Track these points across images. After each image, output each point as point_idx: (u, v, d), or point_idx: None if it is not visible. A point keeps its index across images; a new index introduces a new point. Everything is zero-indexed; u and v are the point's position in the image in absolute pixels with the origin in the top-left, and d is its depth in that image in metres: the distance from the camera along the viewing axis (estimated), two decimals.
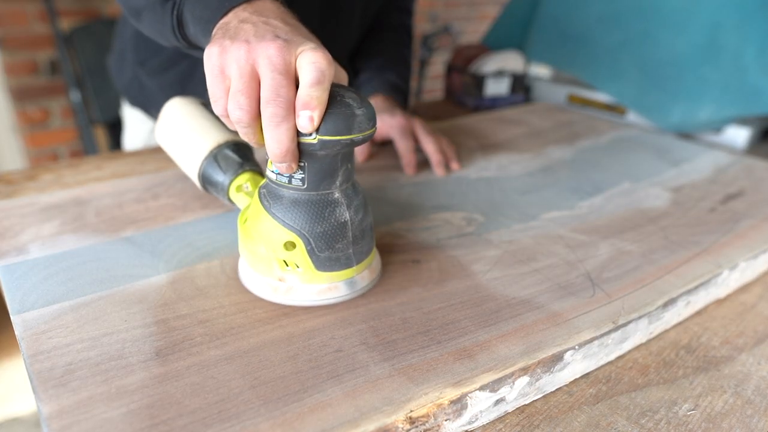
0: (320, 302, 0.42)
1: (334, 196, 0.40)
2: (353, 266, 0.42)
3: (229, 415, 0.31)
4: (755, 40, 0.85)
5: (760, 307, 0.50)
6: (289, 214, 0.40)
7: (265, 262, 0.42)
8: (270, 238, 0.41)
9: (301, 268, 0.41)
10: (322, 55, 0.36)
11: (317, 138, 0.37)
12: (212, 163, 0.50)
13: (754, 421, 0.37)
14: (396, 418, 0.32)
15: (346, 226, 0.41)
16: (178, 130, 0.53)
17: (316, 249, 0.40)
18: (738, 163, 0.76)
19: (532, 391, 0.38)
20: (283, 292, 0.42)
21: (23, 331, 0.37)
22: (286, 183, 0.40)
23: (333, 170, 0.40)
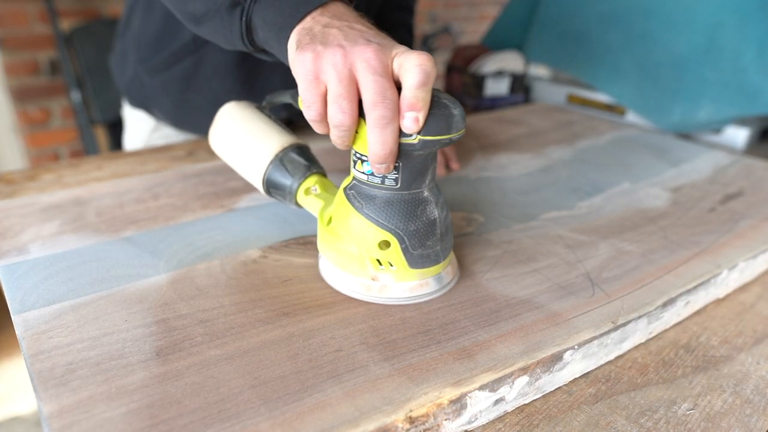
0: (412, 300, 0.43)
1: (424, 195, 0.42)
2: (441, 262, 0.43)
3: (229, 415, 0.31)
4: (755, 41, 0.85)
5: (759, 306, 0.50)
6: (383, 214, 0.41)
7: (358, 261, 0.43)
8: (364, 238, 0.42)
9: (394, 267, 0.42)
10: (426, 58, 0.36)
11: (418, 138, 0.37)
12: (279, 167, 0.49)
13: (753, 421, 0.37)
14: (396, 418, 0.32)
15: (436, 223, 0.42)
16: (236, 134, 0.52)
17: (410, 247, 0.41)
18: (737, 163, 0.76)
19: (531, 391, 0.38)
20: (377, 291, 0.43)
21: (24, 331, 0.38)
22: (379, 183, 0.41)
23: (424, 169, 0.41)
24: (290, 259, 0.48)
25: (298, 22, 0.42)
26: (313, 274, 0.46)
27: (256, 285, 0.44)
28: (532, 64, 1.17)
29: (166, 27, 0.74)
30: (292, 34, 0.42)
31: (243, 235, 0.51)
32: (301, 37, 0.40)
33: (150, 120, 0.86)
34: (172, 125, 0.83)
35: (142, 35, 0.77)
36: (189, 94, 0.76)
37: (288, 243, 0.50)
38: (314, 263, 0.47)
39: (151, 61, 0.76)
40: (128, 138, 0.90)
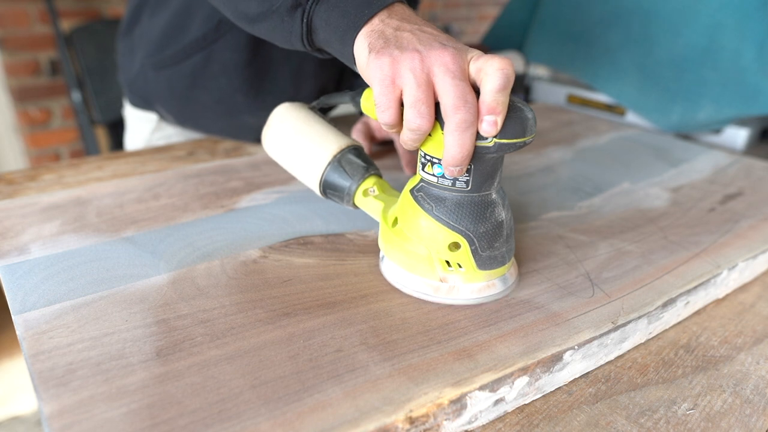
0: (479, 300, 0.43)
1: (492, 197, 0.42)
2: (506, 263, 0.44)
3: (229, 415, 0.32)
4: (754, 41, 0.85)
5: (758, 306, 0.50)
6: (453, 216, 0.41)
7: (426, 263, 0.43)
8: (434, 239, 0.42)
9: (463, 268, 0.42)
10: (507, 62, 0.37)
11: (494, 141, 0.38)
12: (337, 168, 0.49)
13: (753, 421, 0.37)
14: (396, 418, 0.32)
15: (503, 225, 0.43)
16: (292, 136, 0.52)
17: (480, 248, 0.42)
18: (737, 164, 0.76)
19: (531, 391, 0.38)
20: (445, 292, 0.43)
21: (24, 331, 0.38)
22: (450, 186, 0.41)
23: (495, 172, 0.41)
24: (290, 260, 0.48)
25: (364, 24, 0.42)
26: (313, 275, 0.46)
27: (257, 285, 0.44)
28: (532, 64, 1.17)
29: (177, 23, 0.74)
30: (359, 37, 0.42)
31: (243, 235, 0.51)
32: (373, 41, 0.40)
33: (151, 120, 0.86)
34: (175, 123, 0.83)
35: (150, 30, 0.77)
36: (195, 91, 0.76)
37: (288, 243, 0.50)
38: (314, 263, 0.47)
39: (159, 56, 0.76)
40: (129, 138, 0.90)
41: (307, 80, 0.78)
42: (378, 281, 0.45)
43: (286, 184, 0.63)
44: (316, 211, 0.56)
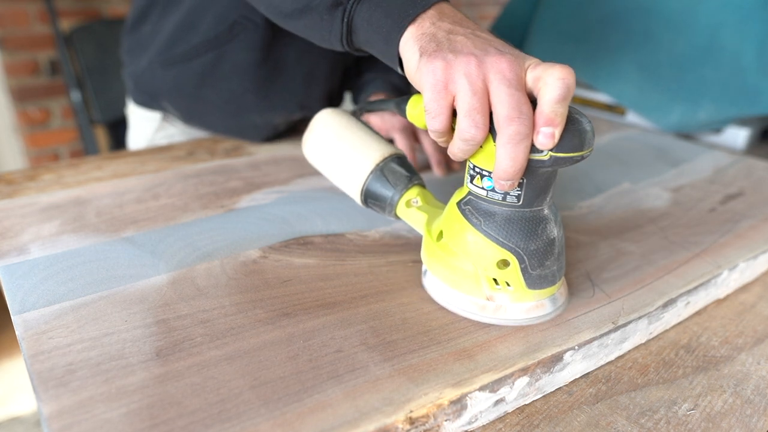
0: (528, 321, 0.41)
1: (544, 213, 0.40)
2: (556, 283, 0.41)
3: (229, 416, 0.31)
4: (755, 41, 0.85)
5: (759, 306, 0.50)
6: (503, 232, 0.39)
7: (472, 280, 0.41)
8: (481, 256, 0.40)
9: (512, 287, 0.40)
10: (569, 72, 0.35)
11: (549, 155, 0.36)
12: (380, 177, 0.48)
13: (754, 421, 0.37)
14: (396, 419, 0.32)
15: (554, 243, 0.40)
16: (334, 142, 0.51)
17: (530, 267, 0.39)
18: (738, 164, 0.76)
19: (531, 392, 0.38)
20: (492, 311, 0.41)
21: (24, 332, 0.37)
22: (500, 200, 0.39)
23: (547, 186, 0.39)
24: (290, 260, 0.48)
25: (409, 24, 0.40)
26: (313, 275, 0.46)
27: (256, 285, 0.44)
28: None
29: (189, 21, 0.73)
30: (407, 38, 0.40)
31: (243, 235, 0.51)
32: (424, 44, 0.39)
33: (155, 119, 0.86)
34: (181, 120, 0.83)
35: (161, 28, 0.77)
36: (204, 90, 0.76)
37: (288, 243, 0.50)
38: (313, 263, 0.47)
39: (168, 54, 0.75)
40: (132, 137, 0.90)
41: (317, 83, 0.77)
42: (378, 281, 0.45)
43: (286, 184, 0.63)
44: (316, 211, 0.56)
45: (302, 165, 0.68)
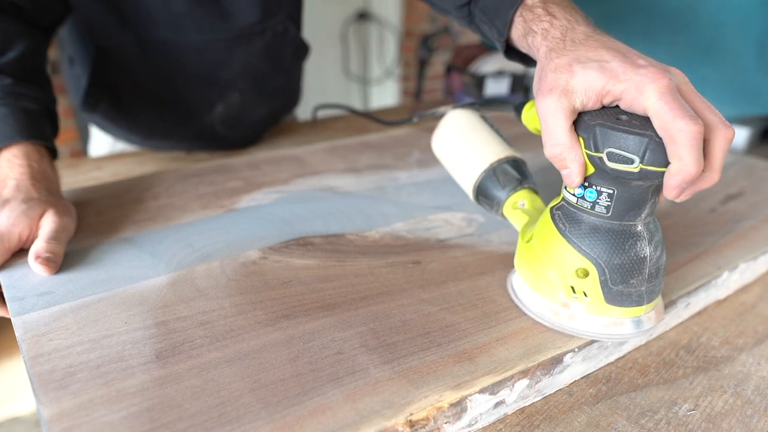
0: (601, 337, 0.40)
1: (637, 229, 0.38)
2: (643, 305, 0.39)
3: (229, 419, 0.31)
4: (755, 41, 0.84)
5: (759, 307, 0.50)
6: (587, 241, 0.39)
7: (551, 285, 0.40)
8: (562, 262, 0.40)
9: (589, 298, 0.39)
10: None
11: (639, 167, 0.35)
12: (491, 176, 0.49)
13: (754, 421, 0.37)
14: (396, 422, 0.32)
15: (645, 262, 0.38)
16: (458, 140, 0.53)
17: (610, 281, 0.38)
18: (738, 163, 0.76)
19: (531, 394, 0.38)
20: (565, 318, 0.40)
21: (23, 333, 0.37)
22: (588, 208, 0.38)
23: (642, 201, 0.37)
24: (290, 261, 0.48)
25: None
26: (313, 276, 0.46)
27: (256, 286, 0.44)
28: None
29: (76, 73, 0.77)
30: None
31: (243, 235, 0.51)
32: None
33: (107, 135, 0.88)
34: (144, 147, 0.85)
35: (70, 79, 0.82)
36: (131, 119, 0.79)
37: (288, 244, 0.50)
38: (313, 264, 0.47)
39: (81, 107, 0.78)
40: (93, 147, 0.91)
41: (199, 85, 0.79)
42: (378, 283, 0.45)
43: (286, 184, 0.62)
44: (316, 212, 0.56)
45: (302, 165, 0.68)
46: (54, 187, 0.52)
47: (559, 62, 0.38)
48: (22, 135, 0.51)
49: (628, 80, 0.35)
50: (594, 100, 0.37)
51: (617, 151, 0.35)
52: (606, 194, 0.37)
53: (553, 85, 0.37)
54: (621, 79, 0.35)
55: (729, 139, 0.34)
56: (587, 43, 0.39)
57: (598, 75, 0.36)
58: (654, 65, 0.35)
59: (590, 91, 0.36)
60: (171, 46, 0.71)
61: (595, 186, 0.38)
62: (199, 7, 0.70)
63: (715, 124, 0.34)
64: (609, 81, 0.36)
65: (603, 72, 0.36)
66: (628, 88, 0.35)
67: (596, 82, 0.36)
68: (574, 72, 0.37)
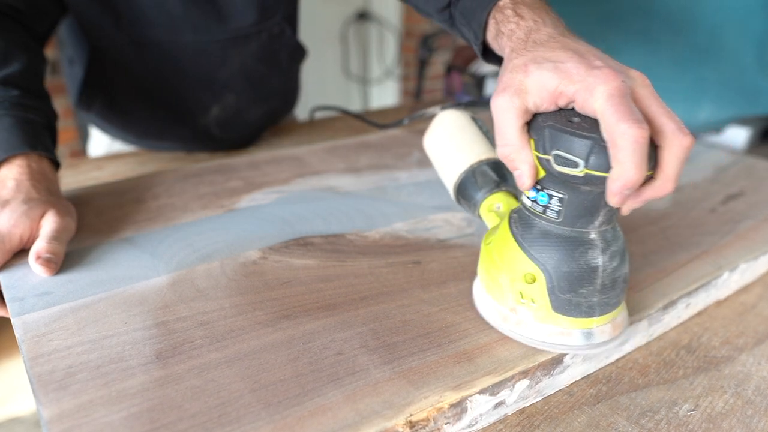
0: (547, 346, 0.38)
1: (590, 237, 0.37)
2: (594, 317, 0.38)
3: (229, 419, 0.31)
4: (755, 41, 0.84)
5: (760, 307, 0.50)
6: (536, 246, 0.37)
7: (502, 289, 0.40)
8: (513, 266, 0.39)
9: (536, 305, 0.38)
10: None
11: (584, 171, 0.33)
12: (470, 177, 0.49)
13: (755, 422, 0.37)
14: (396, 422, 0.32)
15: (596, 272, 0.37)
16: (444, 141, 0.54)
17: (558, 288, 0.37)
18: (738, 163, 0.76)
19: (531, 394, 0.38)
20: (513, 324, 0.39)
21: (23, 334, 0.37)
22: (541, 213, 0.37)
23: (595, 208, 0.36)
24: (290, 261, 0.48)
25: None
26: (313, 276, 0.46)
27: (256, 287, 0.44)
28: None
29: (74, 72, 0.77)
30: None
31: (243, 235, 0.51)
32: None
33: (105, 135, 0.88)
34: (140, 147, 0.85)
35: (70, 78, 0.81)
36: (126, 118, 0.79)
37: (288, 244, 0.50)
38: (313, 264, 0.47)
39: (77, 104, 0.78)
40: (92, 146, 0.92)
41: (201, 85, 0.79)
42: (378, 283, 0.45)
43: (286, 184, 0.62)
44: (316, 212, 0.56)
45: (302, 165, 0.68)
46: (54, 187, 0.52)
47: (516, 62, 0.38)
48: (29, 146, 0.51)
49: (581, 81, 0.34)
50: (548, 100, 0.36)
51: (563, 154, 0.34)
52: (557, 199, 0.36)
53: (508, 85, 0.37)
54: (574, 80, 0.34)
55: (685, 147, 0.33)
56: (548, 44, 0.38)
57: (551, 75, 0.35)
58: (609, 67, 0.34)
59: (543, 91, 0.35)
60: (166, 47, 0.71)
61: (547, 190, 0.37)
62: (195, 8, 0.70)
63: (672, 130, 0.33)
64: (562, 81, 0.35)
65: (557, 72, 0.35)
66: (579, 90, 0.34)
67: (549, 82, 0.35)
68: (528, 72, 0.36)
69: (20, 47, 0.57)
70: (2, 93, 0.53)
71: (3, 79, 0.54)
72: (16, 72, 0.55)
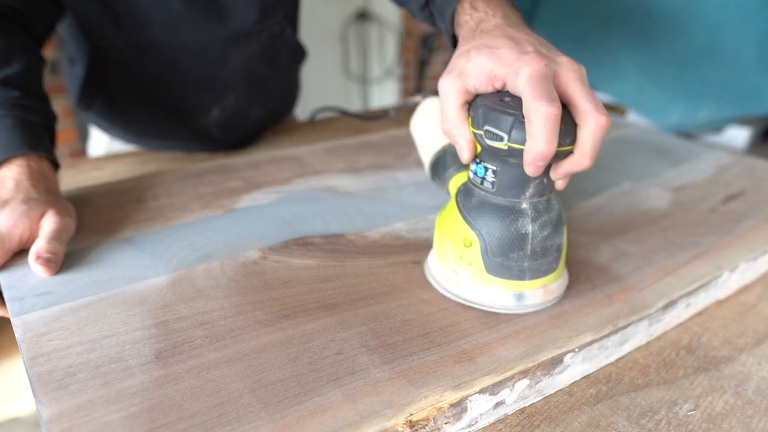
0: (484, 306, 0.42)
1: (521, 206, 0.41)
2: (525, 280, 0.42)
3: (229, 419, 0.31)
4: (755, 41, 0.84)
5: (760, 307, 0.50)
6: (474, 213, 0.42)
7: (446, 252, 0.44)
8: (454, 231, 0.43)
9: (472, 266, 0.42)
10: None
11: (507, 144, 0.37)
12: (442, 156, 0.53)
13: (755, 422, 0.37)
14: (396, 422, 0.32)
15: (526, 239, 0.41)
16: (424, 123, 0.59)
17: (490, 252, 0.41)
18: (738, 163, 0.76)
19: (531, 394, 0.38)
20: (454, 284, 0.43)
21: (23, 334, 0.37)
22: (479, 184, 0.42)
23: (524, 180, 0.40)
24: (290, 261, 0.48)
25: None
26: (313, 276, 0.46)
27: (256, 287, 0.44)
28: None
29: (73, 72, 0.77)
30: None
31: (243, 235, 0.51)
32: None
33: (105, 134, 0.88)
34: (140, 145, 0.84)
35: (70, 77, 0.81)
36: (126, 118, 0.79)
37: (288, 244, 0.50)
38: (313, 264, 0.47)
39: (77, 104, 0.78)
40: (92, 146, 0.92)
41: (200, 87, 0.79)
42: (378, 283, 0.45)
43: (286, 184, 0.62)
44: (315, 212, 0.56)
45: (302, 165, 0.68)
46: (53, 187, 0.52)
47: (462, 49, 0.42)
48: (29, 147, 0.51)
49: (510, 65, 0.38)
50: (485, 83, 0.39)
51: (492, 129, 0.38)
52: (491, 171, 0.41)
53: (452, 68, 0.41)
54: (505, 64, 0.38)
55: (600, 125, 0.36)
56: (492, 33, 0.42)
57: (487, 59, 0.39)
58: (537, 52, 0.38)
59: (481, 74, 0.39)
60: (167, 47, 0.71)
61: (483, 163, 0.41)
62: (196, 7, 0.70)
63: (588, 110, 0.36)
64: (495, 65, 0.38)
65: (492, 57, 0.39)
66: (509, 72, 0.38)
67: (485, 66, 0.39)
68: (469, 57, 0.40)
69: (20, 48, 0.57)
70: (3, 94, 0.53)
71: (3, 79, 0.54)
72: (16, 73, 0.55)
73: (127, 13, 0.68)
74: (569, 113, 0.38)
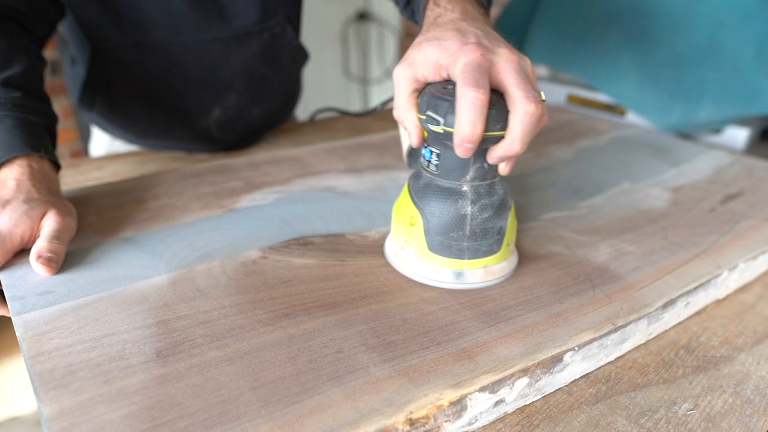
0: (426, 281, 0.45)
1: (462, 189, 0.43)
2: (464, 259, 0.44)
3: (229, 417, 0.32)
4: (755, 41, 0.85)
5: (759, 306, 0.50)
6: (420, 194, 0.45)
7: (397, 230, 0.47)
8: (403, 210, 0.46)
9: (417, 244, 0.45)
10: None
11: (443, 128, 0.40)
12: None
13: (754, 421, 0.37)
14: (396, 420, 0.32)
15: (465, 220, 0.43)
16: None
17: (432, 230, 0.44)
18: (738, 164, 0.76)
19: (531, 392, 0.38)
20: (401, 260, 0.47)
21: (24, 332, 0.38)
22: (426, 167, 0.45)
23: (464, 164, 0.42)
24: (290, 260, 0.48)
25: None
26: (313, 275, 0.46)
27: (256, 286, 0.44)
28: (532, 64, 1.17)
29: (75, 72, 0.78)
30: None
31: (243, 235, 0.51)
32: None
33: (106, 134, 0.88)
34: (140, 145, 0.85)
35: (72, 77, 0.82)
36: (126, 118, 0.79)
37: (288, 243, 0.50)
38: (314, 264, 0.47)
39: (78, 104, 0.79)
40: (93, 145, 0.92)
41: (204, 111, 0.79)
42: (378, 282, 0.45)
43: (286, 184, 0.63)
44: (315, 212, 0.56)
45: (302, 165, 0.68)
46: (54, 187, 0.52)
47: (417, 40, 0.44)
48: (30, 148, 0.51)
49: (452, 55, 0.40)
50: (433, 72, 0.42)
51: (432, 114, 0.41)
52: (435, 154, 0.43)
53: (405, 58, 0.44)
54: (448, 54, 0.41)
55: (528, 112, 0.38)
56: (445, 26, 0.44)
57: (434, 50, 0.42)
58: (478, 43, 0.40)
59: (428, 64, 0.42)
60: (168, 48, 0.71)
61: (429, 147, 0.44)
62: (198, 6, 0.70)
63: (518, 98, 0.38)
64: (441, 55, 0.41)
65: (438, 48, 0.41)
66: (450, 62, 0.40)
67: (432, 56, 0.41)
68: (420, 48, 0.43)
69: (21, 49, 0.57)
70: (4, 94, 0.54)
71: (5, 80, 0.54)
72: (17, 74, 0.55)
73: (128, 14, 0.68)
74: (504, 101, 0.40)
